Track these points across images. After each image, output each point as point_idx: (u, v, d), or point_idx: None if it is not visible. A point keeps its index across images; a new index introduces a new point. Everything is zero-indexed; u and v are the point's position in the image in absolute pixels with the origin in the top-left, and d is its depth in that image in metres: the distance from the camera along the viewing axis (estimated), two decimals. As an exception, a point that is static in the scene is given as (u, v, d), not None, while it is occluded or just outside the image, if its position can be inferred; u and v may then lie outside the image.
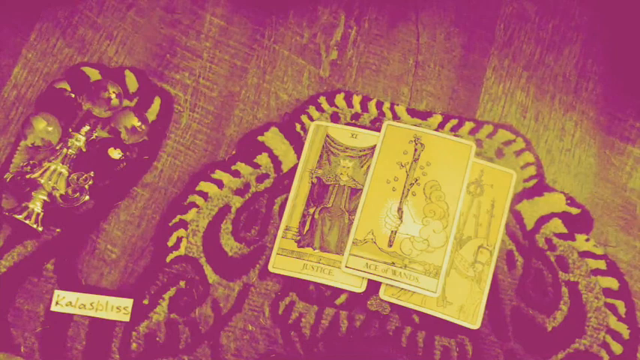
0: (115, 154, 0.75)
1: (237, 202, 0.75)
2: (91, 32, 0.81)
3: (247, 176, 0.76)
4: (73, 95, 0.77)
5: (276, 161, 0.76)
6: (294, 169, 0.76)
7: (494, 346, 0.71)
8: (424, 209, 0.73)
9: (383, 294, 0.72)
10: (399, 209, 0.73)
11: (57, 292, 0.72)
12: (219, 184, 0.75)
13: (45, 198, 0.73)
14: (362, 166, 0.75)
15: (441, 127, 0.77)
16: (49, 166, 0.74)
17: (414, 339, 0.71)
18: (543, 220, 0.74)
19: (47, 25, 0.81)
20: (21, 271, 0.73)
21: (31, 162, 0.75)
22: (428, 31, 0.81)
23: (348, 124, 0.77)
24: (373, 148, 0.75)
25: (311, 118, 0.77)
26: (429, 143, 0.75)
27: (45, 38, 0.80)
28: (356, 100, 0.78)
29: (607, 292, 0.72)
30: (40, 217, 0.73)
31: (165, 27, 0.81)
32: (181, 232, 0.74)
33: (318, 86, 0.79)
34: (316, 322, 0.71)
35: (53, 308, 0.71)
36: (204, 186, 0.75)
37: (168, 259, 0.73)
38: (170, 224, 0.74)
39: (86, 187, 0.74)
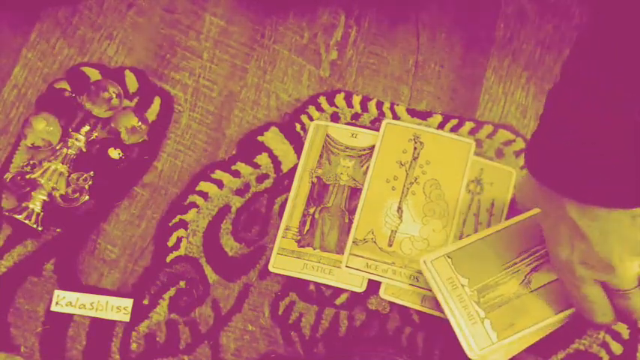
0: (115, 154, 0.75)
1: (237, 202, 0.75)
2: (91, 32, 0.81)
3: (247, 176, 0.76)
4: (73, 95, 0.77)
5: (276, 161, 0.76)
6: (294, 169, 0.76)
7: (494, 346, 0.71)
8: (424, 208, 0.73)
9: (383, 293, 0.72)
10: (399, 208, 0.73)
11: (57, 292, 0.72)
12: (219, 184, 0.75)
13: (45, 198, 0.73)
14: (362, 166, 0.75)
15: (441, 127, 0.77)
16: (49, 166, 0.74)
17: (414, 339, 0.71)
18: (543, 219, 0.74)
19: (47, 25, 0.81)
20: (21, 271, 0.73)
21: (31, 162, 0.75)
22: (428, 31, 0.81)
23: (348, 124, 0.77)
24: (373, 147, 0.75)
25: (311, 118, 0.77)
26: (429, 141, 0.75)
27: (45, 38, 0.80)
28: (356, 100, 0.78)
29: (607, 291, 0.72)
30: (40, 217, 0.73)
31: (165, 27, 0.81)
32: (181, 232, 0.74)
33: (318, 86, 0.79)
34: (316, 322, 0.71)
35: (53, 308, 0.71)
36: (204, 186, 0.75)
37: (168, 259, 0.73)
38: (170, 224, 0.74)
39: (86, 187, 0.74)
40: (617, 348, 0.70)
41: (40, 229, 0.73)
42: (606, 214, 0.58)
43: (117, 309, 0.71)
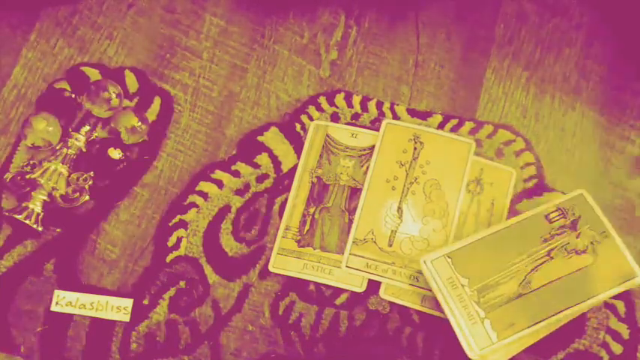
0: (115, 154, 0.75)
1: (237, 202, 0.75)
2: (91, 32, 0.81)
3: (247, 176, 0.76)
4: (73, 95, 0.77)
5: (276, 161, 0.76)
6: (294, 169, 0.76)
7: (494, 346, 0.71)
8: (424, 208, 0.73)
9: (383, 293, 0.72)
10: (399, 208, 0.73)
11: (57, 292, 0.72)
12: (219, 184, 0.75)
13: (45, 198, 0.73)
14: (362, 166, 0.75)
15: (441, 127, 0.77)
16: (49, 166, 0.74)
17: (414, 339, 0.71)
18: (543, 219, 0.74)
19: (47, 25, 0.81)
20: (21, 271, 0.73)
21: (31, 162, 0.75)
22: (428, 31, 0.81)
23: (348, 124, 0.77)
24: (373, 147, 0.75)
25: (311, 118, 0.77)
26: (429, 141, 0.75)
27: (45, 38, 0.80)
28: (356, 100, 0.78)
29: (607, 291, 0.72)
30: (40, 217, 0.73)
31: (165, 27, 0.81)
32: (181, 232, 0.74)
33: (318, 86, 0.79)
34: (316, 322, 0.71)
35: (53, 308, 0.71)
36: (204, 186, 0.75)
37: (168, 259, 0.73)
38: (170, 224, 0.74)
39: (86, 187, 0.74)
40: (617, 348, 0.70)
41: (40, 229, 0.73)
42: None
43: (117, 309, 0.71)
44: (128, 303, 0.72)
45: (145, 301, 0.72)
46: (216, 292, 0.72)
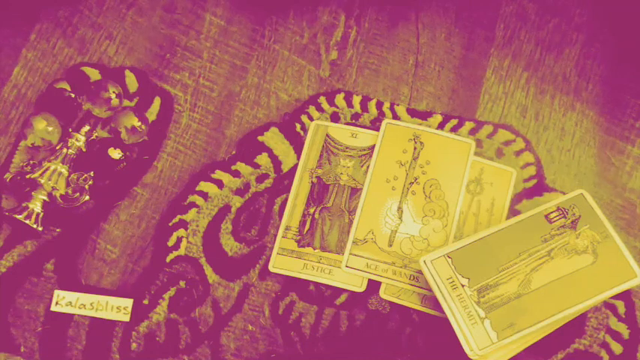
0: (115, 154, 0.75)
1: (237, 202, 0.75)
2: (91, 32, 0.81)
3: (247, 176, 0.76)
4: (73, 95, 0.77)
5: (276, 161, 0.76)
6: (294, 169, 0.76)
7: (494, 346, 0.71)
8: (424, 208, 0.73)
9: (383, 293, 0.72)
10: (399, 208, 0.73)
11: (57, 292, 0.72)
12: (219, 184, 0.75)
13: (45, 198, 0.73)
14: (362, 166, 0.75)
15: (441, 127, 0.77)
16: (49, 166, 0.74)
17: (414, 339, 0.71)
18: (543, 219, 0.74)
19: (47, 25, 0.81)
20: (21, 271, 0.73)
21: (31, 162, 0.75)
22: (428, 31, 0.81)
23: (348, 124, 0.77)
24: (373, 147, 0.75)
25: (311, 118, 0.77)
26: (429, 141, 0.75)
27: (45, 38, 0.80)
28: (356, 100, 0.78)
29: (607, 291, 0.72)
30: (40, 217, 0.73)
31: (165, 27, 0.81)
32: (181, 232, 0.74)
33: (318, 86, 0.79)
34: (316, 322, 0.71)
35: (53, 308, 0.71)
36: (204, 186, 0.75)
37: (168, 259, 0.73)
38: (170, 224, 0.74)
39: (86, 187, 0.74)
40: (617, 348, 0.70)
41: (40, 229, 0.73)
42: None
43: (117, 309, 0.71)
44: (128, 303, 0.72)
45: (145, 301, 0.72)
46: (216, 292, 0.72)
